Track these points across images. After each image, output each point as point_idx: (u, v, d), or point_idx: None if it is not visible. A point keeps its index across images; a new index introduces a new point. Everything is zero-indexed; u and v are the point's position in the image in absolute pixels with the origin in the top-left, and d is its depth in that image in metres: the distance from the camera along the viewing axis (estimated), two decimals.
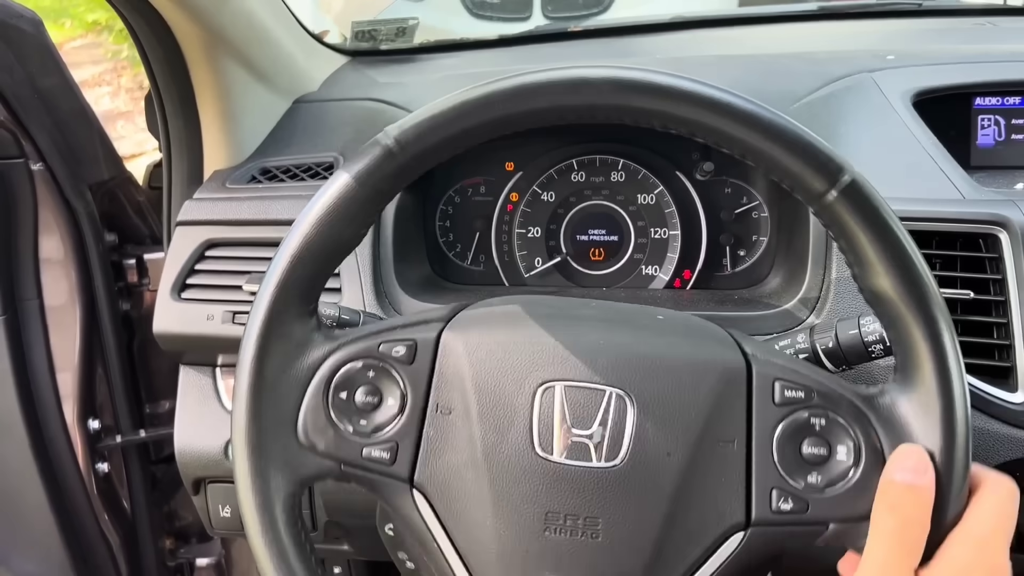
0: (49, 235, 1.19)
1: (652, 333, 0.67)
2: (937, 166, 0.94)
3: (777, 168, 0.58)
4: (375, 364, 0.64)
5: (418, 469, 0.63)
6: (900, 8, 1.43)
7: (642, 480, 0.61)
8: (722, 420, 0.62)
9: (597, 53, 1.41)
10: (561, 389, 0.63)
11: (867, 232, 0.57)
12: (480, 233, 1.13)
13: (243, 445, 0.61)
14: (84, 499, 1.28)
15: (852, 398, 0.61)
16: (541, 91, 0.59)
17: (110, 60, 5.31)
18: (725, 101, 0.58)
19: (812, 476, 0.60)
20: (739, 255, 1.08)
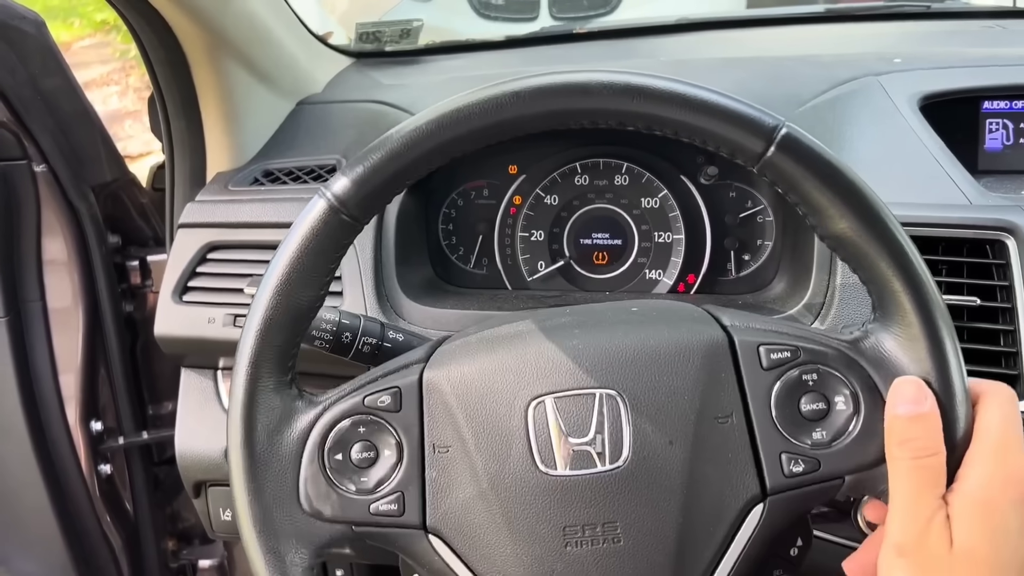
0: (52, 237, 1.19)
1: (629, 327, 0.66)
2: (944, 171, 0.93)
3: (713, 139, 0.58)
4: (364, 419, 0.63)
5: (428, 513, 0.62)
6: (908, 10, 1.42)
7: (650, 475, 0.60)
8: (715, 397, 0.61)
9: (603, 55, 1.40)
10: (551, 402, 0.62)
11: (812, 179, 0.57)
12: (483, 236, 1.13)
13: (250, 527, 0.60)
14: (86, 500, 1.28)
15: (838, 346, 0.62)
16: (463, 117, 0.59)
17: (118, 59, 5.33)
18: (643, 85, 0.58)
19: (817, 432, 0.60)
20: (744, 259, 1.07)
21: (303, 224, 0.60)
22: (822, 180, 0.57)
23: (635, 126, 0.59)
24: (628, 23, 1.50)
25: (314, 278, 0.61)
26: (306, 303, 0.62)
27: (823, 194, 0.57)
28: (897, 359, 0.59)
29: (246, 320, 0.61)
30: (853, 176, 0.57)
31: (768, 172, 0.58)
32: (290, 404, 0.63)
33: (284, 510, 0.61)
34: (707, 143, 0.59)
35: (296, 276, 0.60)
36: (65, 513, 1.25)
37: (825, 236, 0.60)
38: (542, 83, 0.58)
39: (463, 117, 0.59)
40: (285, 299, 0.60)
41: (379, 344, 0.81)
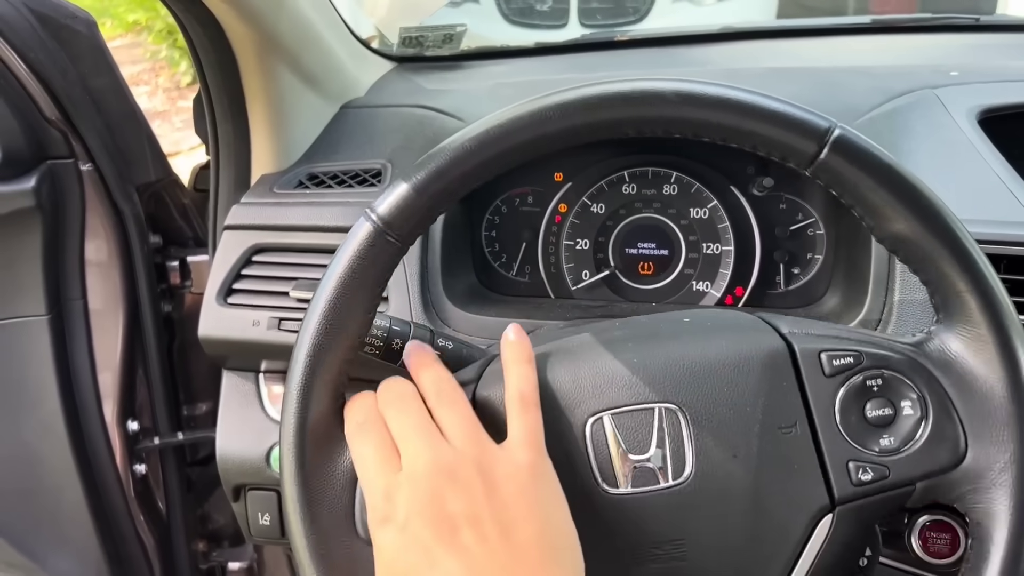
0: (95, 236, 1.19)
1: (684, 338, 0.65)
2: (1006, 187, 0.91)
3: (764, 143, 0.57)
4: None
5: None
6: (957, 23, 1.40)
7: (715, 489, 0.59)
8: (778, 407, 0.60)
9: (645, 63, 1.39)
10: (609, 418, 0.61)
11: (868, 179, 0.56)
12: (527, 244, 1.12)
13: (307, 557, 0.58)
14: (121, 500, 1.28)
15: (902, 350, 0.60)
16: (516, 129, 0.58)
17: (148, 60, 5.38)
18: (691, 91, 0.57)
19: (884, 439, 0.59)
20: (793, 273, 1.05)
21: (348, 247, 0.59)
22: (878, 180, 0.56)
23: (683, 133, 0.58)
24: (668, 31, 1.48)
25: (361, 301, 0.59)
26: (354, 327, 0.60)
27: (879, 194, 0.56)
28: (964, 361, 0.58)
29: (295, 347, 0.60)
30: (909, 175, 0.56)
31: (822, 175, 0.57)
32: (342, 431, 0.61)
33: (339, 538, 0.60)
34: (757, 148, 0.58)
35: (343, 301, 0.59)
36: (100, 512, 1.25)
37: (884, 238, 0.59)
38: (582, 95, 0.57)
39: (506, 132, 0.58)
40: (333, 324, 0.59)
41: None
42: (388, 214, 0.58)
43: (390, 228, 0.58)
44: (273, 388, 1.06)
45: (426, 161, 0.58)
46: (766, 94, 0.56)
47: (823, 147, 0.55)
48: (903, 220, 0.56)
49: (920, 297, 0.86)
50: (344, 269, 0.59)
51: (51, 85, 1.06)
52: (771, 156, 0.58)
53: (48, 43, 1.05)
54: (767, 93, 0.56)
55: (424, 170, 0.58)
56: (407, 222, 0.58)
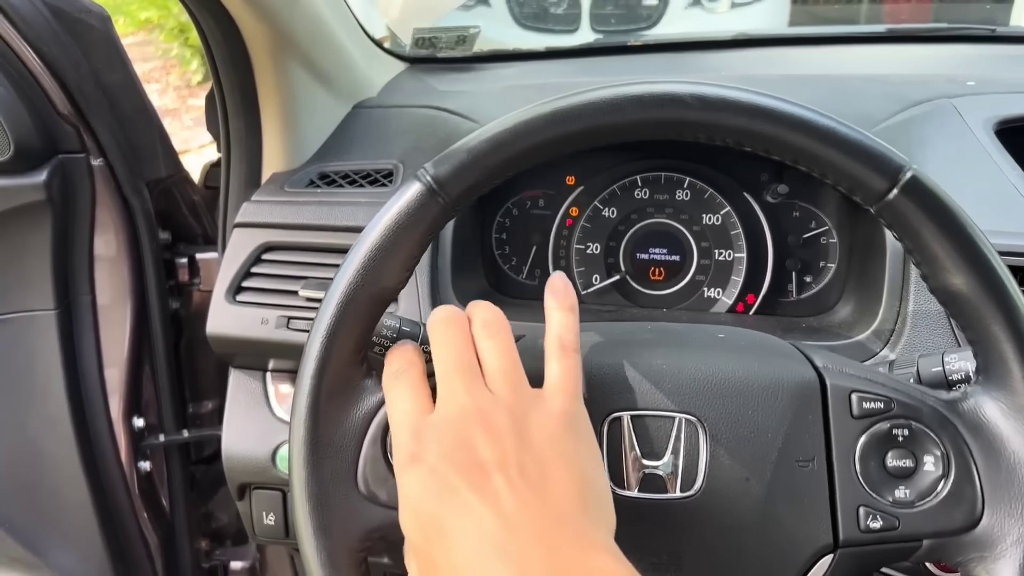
0: (105, 231, 1.18)
1: (717, 352, 0.64)
2: (1023, 197, 0.90)
3: (833, 172, 0.56)
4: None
5: None
6: (973, 33, 1.39)
7: (721, 509, 0.58)
8: (799, 438, 0.59)
9: (660, 68, 1.38)
10: (628, 419, 0.60)
11: (933, 228, 0.54)
12: (537, 247, 1.11)
13: (304, 501, 0.58)
14: (125, 497, 1.27)
15: (935, 404, 0.59)
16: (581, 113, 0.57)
17: (160, 58, 5.39)
18: (771, 106, 0.55)
19: (900, 490, 0.58)
20: (805, 281, 1.04)
21: (398, 204, 0.59)
22: (942, 229, 0.54)
23: (753, 147, 0.57)
24: (682, 36, 1.47)
25: (400, 259, 0.59)
26: (389, 283, 0.60)
27: (941, 245, 0.54)
28: (997, 427, 0.56)
29: (327, 293, 0.60)
30: (975, 229, 0.55)
31: (886, 214, 0.56)
32: (361, 382, 0.61)
33: (341, 488, 0.60)
34: (826, 175, 0.56)
35: (382, 255, 0.58)
36: (104, 509, 1.25)
37: (936, 288, 0.57)
38: (665, 90, 0.56)
39: (579, 114, 0.57)
40: (368, 277, 0.59)
41: None
42: (441, 174, 0.58)
43: (441, 188, 0.58)
44: (280, 387, 1.05)
45: (487, 130, 0.58)
46: (846, 122, 0.55)
47: (894, 186, 0.54)
48: (961, 275, 0.54)
49: (935, 308, 0.85)
50: (390, 222, 0.58)
51: (64, 79, 1.06)
52: (837, 186, 0.57)
53: (62, 37, 1.05)
54: (845, 121, 0.55)
55: (484, 138, 0.58)
56: (459, 185, 0.58)
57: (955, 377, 0.70)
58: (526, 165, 0.59)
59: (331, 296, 0.59)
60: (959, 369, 0.70)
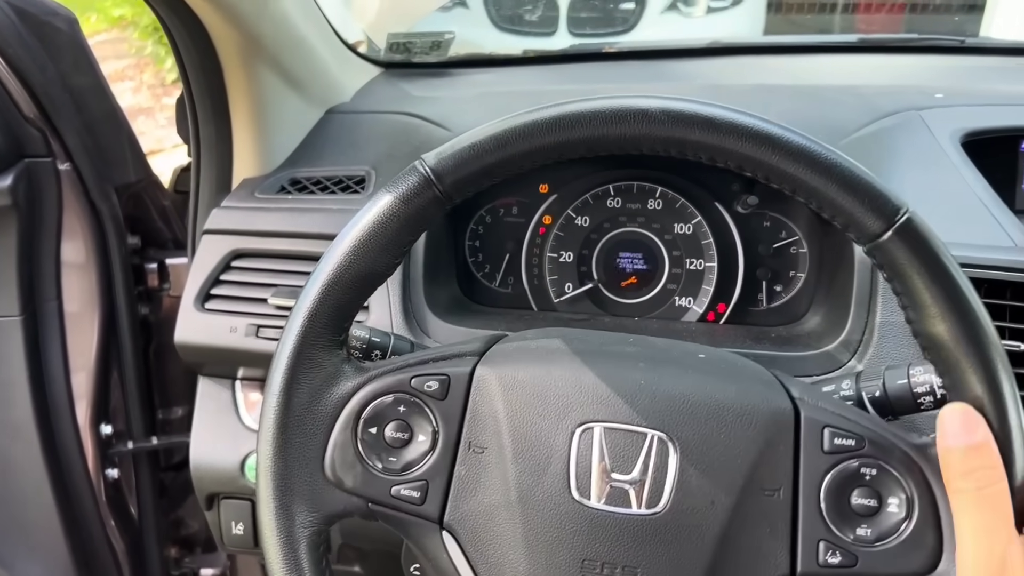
0: (72, 236, 1.17)
1: (696, 373, 0.64)
2: (988, 211, 0.91)
3: (830, 206, 0.57)
4: (406, 399, 0.62)
5: (449, 509, 0.61)
6: (942, 44, 1.41)
7: (684, 529, 0.58)
8: (768, 467, 0.59)
9: (633, 75, 1.39)
10: (600, 431, 0.60)
11: (923, 274, 0.55)
12: (510, 255, 1.11)
13: (267, 480, 0.59)
14: (92, 505, 1.26)
15: (905, 448, 0.59)
16: (585, 120, 0.58)
17: (134, 56, 5.33)
18: (776, 135, 0.56)
19: (862, 528, 0.58)
20: (775, 291, 1.05)
21: (394, 190, 0.59)
22: (933, 276, 0.55)
23: (752, 173, 0.58)
24: (659, 44, 1.48)
25: (390, 246, 0.60)
26: (378, 268, 0.61)
27: (930, 291, 0.55)
28: None
29: (312, 274, 0.60)
30: (963, 281, 0.55)
31: (878, 254, 0.56)
32: (337, 366, 0.62)
33: (306, 470, 0.60)
34: (823, 208, 0.57)
35: (374, 240, 0.59)
36: (70, 517, 1.23)
37: (920, 333, 0.58)
38: (673, 107, 0.57)
39: (585, 120, 0.58)
40: (357, 260, 0.59)
41: None
42: (440, 167, 0.58)
43: (439, 181, 0.59)
44: (250, 395, 1.04)
45: (487, 129, 0.59)
46: (848, 158, 0.56)
47: (890, 227, 0.55)
48: (945, 323, 0.55)
49: (902, 320, 0.85)
50: (384, 207, 0.59)
51: (30, 82, 1.04)
52: (832, 220, 0.57)
53: (28, 40, 1.04)
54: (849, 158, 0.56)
55: (486, 135, 0.58)
56: (457, 181, 0.59)
57: (920, 390, 0.70)
58: (525, 167, 0.59)
59: (317, 274, 0.60)
60: (924, 382, 0.70)
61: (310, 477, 0.60)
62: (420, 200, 0.59)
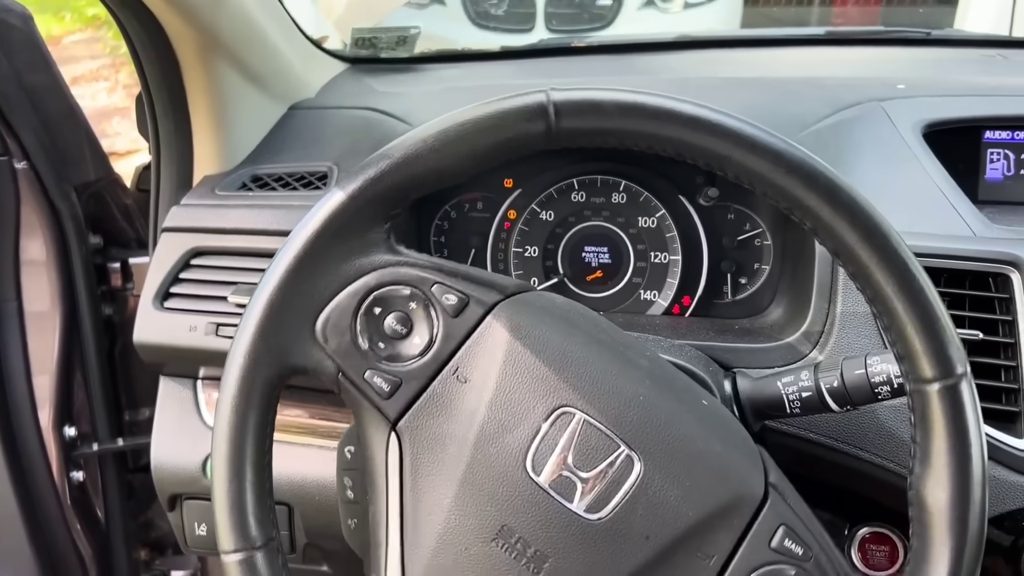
0: (31, 236, 1.15)
1: (692, 414, 0.63)
2: (948, 201, 0.91)
3: (898, 329, 0.56)
4: (420, 298, 0.63)
5: (407, 416, 0.61)
6: (908, 36, 1.41)
7: (610, 546, 0.58)
8: (713, 533, 0.59)
9: (601, 69, 1.38)
10: (579, 421, 0.60)
11: (950, 440, 0.55)
12: (476, 250, 1.10)
13: (262, 303, 0.59)
14: (56, 508, 1.24)
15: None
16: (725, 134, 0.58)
17: (109, 55, 5.27)
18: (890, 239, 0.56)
19: None
20: (740, 283, 1.05)
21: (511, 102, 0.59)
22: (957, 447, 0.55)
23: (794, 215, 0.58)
24: (627, 38, 1.48)
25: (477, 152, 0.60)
26: (453, 166, 0.61)
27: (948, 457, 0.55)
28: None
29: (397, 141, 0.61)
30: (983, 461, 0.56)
31: (916, 398, 0.57)
32: (377, 236, 0.62)
33: (300, 312, 0.61)
34: (890, 328, 0.57)
35: (467, 139, 0.60)
36: (34, 521, 1.21)
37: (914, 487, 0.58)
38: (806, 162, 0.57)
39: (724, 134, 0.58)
40: (437, 151, 0.60)
41: None
42: (566, 102, 0.59)
43: (559, 114, 0.59)
44: (212, 395, 1.03)
45: (621, 90, 0.59)
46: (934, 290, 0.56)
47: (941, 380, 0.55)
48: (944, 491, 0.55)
49: (862, 310, 0.86)
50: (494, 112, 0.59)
51: None
52: (893, 347, 0.58)
53: None
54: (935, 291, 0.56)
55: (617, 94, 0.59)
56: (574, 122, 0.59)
57: (877, 379, 0.70)
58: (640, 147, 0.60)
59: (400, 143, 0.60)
60: (881, 372, 0.70)
61: (300, 321, 0.61)
62: (530, 126, 0.59)
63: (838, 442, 0.83)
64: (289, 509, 0.98)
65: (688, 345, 0.87)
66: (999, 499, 0.81)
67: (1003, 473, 0.81)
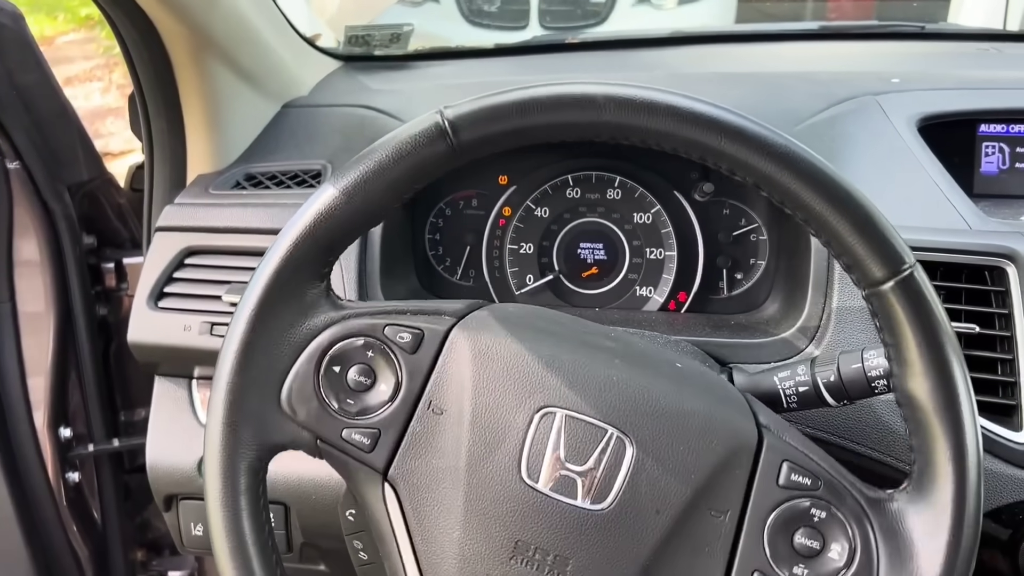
0: (25, 236, 1.15)
1: (669, 381, 0.63)
2: (943, 194, 0.91)
3: (840, 243, 0.56)
4: (376, 345, 0.62)
5: (395, 463, 0.60)
6: (902, 31, 1.41)
7: (624, 531, 0.58)
8: (720, 489, 0.59)
9: (594, 65, 1.38)
10: (562, 417, 0.60)
11: (916, 331, 0.56)
12: (471, 247, 1.10)
13: (222, 395, 0.58)
14: (52, 509, 1.23)
15: (859, 497, 0.59)
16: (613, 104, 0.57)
17: (102, 55, 5.26)
18: (806, 160, 0.56)
19: (799, 568, 0.58)
20: (736, 278, 1.05)
21: (410, 130, 0.59)
22: (925, 336, 0.55)
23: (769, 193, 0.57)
24: (620, 34, 1.48)
25: (394, 186, 0.59)
26: (375, 208, 0.60)
27: (919, 348, 0.55)
28: (911, 539, 0.57)
29: (307, 200, 0.60)
30: (954, 345, 0.56)
31: (875, 301, 0.57)
32: (316, 298, 0.62)
33: (263, 392, 0.60)
34: (831, 243, 0.57)
35: (381, 177, 0.59)
36: (30, 522, 1.21)
37: (899, 388, 0.58)
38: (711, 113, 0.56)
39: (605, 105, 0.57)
40: (358, 197, 0.59)
41: None
42: (459, 119, 0.58)
43: (455, 132, 0.58)
44: (206, 394, 1.03)
45: (512, 92, 0.58)
46: (868, 200, 0.55)
47: (892, 278, 0.55)
48: (927, 381, 0.56)
49: (858, 304, 0.85)
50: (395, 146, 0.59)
51: None
52: (839, 259, 0.57)
53: None
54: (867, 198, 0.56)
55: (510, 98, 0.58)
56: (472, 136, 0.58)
57: (874, 373, 0.70)
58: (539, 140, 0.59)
59: (311, 203, 0.59)
60: (878, 366, 0.70)
61: (264, 401, 0.60)
62: (431, 149, 0.58)
63: (835, 436, 0.83)
64: (285, 508, 0.98)
65: (684, 341, 0.87)
66: (996, 493, 0.81)
67: (1000, 466, 0.81)
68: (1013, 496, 0.81)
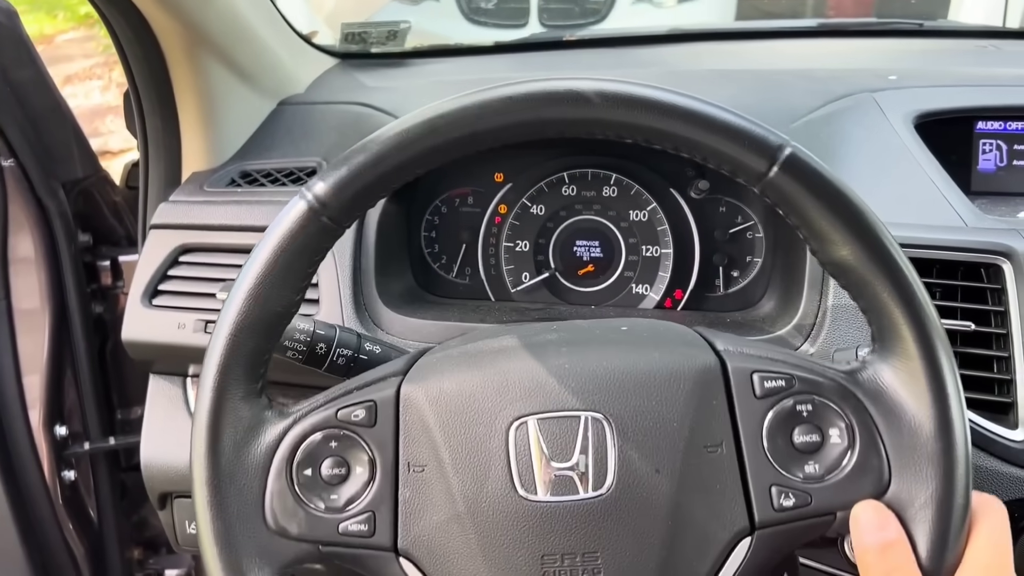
0: (19, 234, 1.15)
1: (619, 347, 0.63)
2: (939, 192, 0.91)
3: (715, 156, 0.57)
4: (336, 433, 0.61)
5: (400, 535, 0.60)
6: (900, 27, 1.41)
7: (635, 503, 0.58)
8: (706, 425, 0.59)
9: (593, 63, 1.38)
10: (534, 423, 0.59)
11: (815, 202, 0.55)
12: (466, 245, 1.10)
13: (211, 542, 0.57)
14: (48, 508, 1.23)
15: (835, 377, 0.59)
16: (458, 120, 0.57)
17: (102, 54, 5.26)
18: (642, 96, 0.56)
19: (809, 465, 0.58)
20: (732, 276, 1.04)
21: (281, 225, 0.57)
22: (826, 204, 0.55)
23: (634, 138, 0.57)
24: (619, 32, 1.47)
25: (289, 282, 0.58)
26: (280, 308, 0.59)
27: (826, 219, 0.55)
28: (895, 393, 0.57)
29: (216, 324, 0.58)
30: (858, 201, 0.55)
31: (770, 193, 0.56)
32: (259, 414, 0.60)
33: (247, 526, 0.58)
34: (708, 160, 0.57)
35: (270, 280, 0.57)
36: (25, 521, 1.21)
37: (826, 262, 0.58)
38: (540, 88, 0.56)
39: (452, 122, 0.56)
40: (258, 303, 0.57)
41: (355, 356, 0.78)
42: (324, 194, 0.57)
43: (325, 208, 0.57)
44: None
45: (366, 145, 0.57)
46: (721, 106, 0.55)
47: (773, 165, 0.55)
48: (847, 246, 0.55)
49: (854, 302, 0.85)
50: (274, 246, 0.57)
51: None
52: (722, 169, 0.57)
53: None
54: (720, 104, 0.56)
55: (362, 154, 0.57)
56: (344, 204, 0.57)
57: None
58: (411, 177, 0.58)
59: (220, 326, 0.58)
60: None
61: (253, 531, 0.58)
62: (309, 231, 0.57)
63: None
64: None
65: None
66: (993, 492, 0.80)
67: (996, 464, 0.81)
68: (1009, 494, 0.81)
